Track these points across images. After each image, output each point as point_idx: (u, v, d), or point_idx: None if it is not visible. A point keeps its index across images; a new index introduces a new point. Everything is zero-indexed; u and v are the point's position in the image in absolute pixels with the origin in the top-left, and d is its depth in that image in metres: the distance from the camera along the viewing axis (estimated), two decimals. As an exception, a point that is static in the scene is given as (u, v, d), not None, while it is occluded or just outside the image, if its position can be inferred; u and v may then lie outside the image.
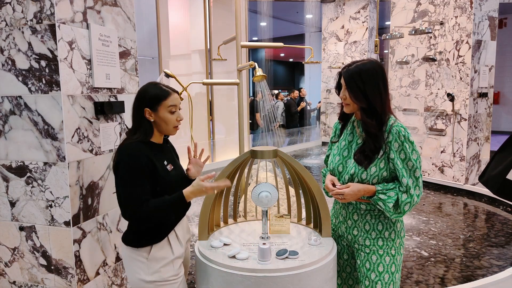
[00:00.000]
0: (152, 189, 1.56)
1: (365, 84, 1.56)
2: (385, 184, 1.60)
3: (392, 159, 1.58)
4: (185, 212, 1.76)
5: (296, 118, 10.26)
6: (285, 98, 10.80)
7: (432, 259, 3.21)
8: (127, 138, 1.63)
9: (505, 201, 4.59)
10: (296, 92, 10.57)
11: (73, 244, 1.85)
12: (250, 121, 9.89)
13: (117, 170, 1.56)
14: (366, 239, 1.68)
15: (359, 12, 8.52)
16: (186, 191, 1.56)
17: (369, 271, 1.65)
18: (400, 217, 1.61)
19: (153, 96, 1.60)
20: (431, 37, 5.41)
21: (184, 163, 1.82)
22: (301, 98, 10.61)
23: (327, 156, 1.86)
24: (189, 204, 1.76)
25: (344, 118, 1.77)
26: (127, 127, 2.19)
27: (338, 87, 1.69)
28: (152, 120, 1.61)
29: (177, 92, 1.68)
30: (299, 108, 10.20)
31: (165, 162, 1.66)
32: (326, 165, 1.85)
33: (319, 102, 10.56)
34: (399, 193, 1.57)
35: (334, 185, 1.66)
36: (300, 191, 1.96)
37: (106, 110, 1.98)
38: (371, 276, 1.64)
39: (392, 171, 1.60)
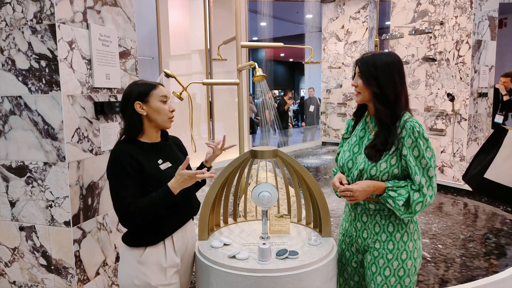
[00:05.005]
0: (143, 189, 1.54)
1: (378, 70, 1.54)
2: (396, 181, 1.53)
3: (404, 156, 1.51)
4: (186, 218, 1.71)
5: (285, 118, 10.34)
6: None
7: (432, 259, 3.21)
8: (117, 142, 1.64)
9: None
10: (290, 93, 10.71)
11: (73, 244, 1.85)
12: (258, 118, 9.99)
13: (107, 174, 1.57)
14: (376, 241, 1.60)
15: (359, 12, 8.52)
16: (170, 183, 1.52)
17: (374, 274, 1.60)
18: (411, 217, 1.53)
19: (141, 90, 1.59)
20: (431, 37, 5.40)
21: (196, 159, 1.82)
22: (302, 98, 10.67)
23: (338, 154, 1.79)
24: (190, 210, 1.72)
25: (358, 115, 1.73)
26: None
27: (354, 77, 1.64)
28: (144, 113, 1.59)
29: (162, 85, 1.66)
30: (285, 107, 10.28)
31: (160, 161, 1.62)
32: (337, 163, 1.79)
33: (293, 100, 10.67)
34: (411, 191, 1.50)
35: (342, 183, 1.60)
36: (300, 191, 1.96)
37: (106, 110, 1.98)
38: (377, 280, 1.59)
39: (404, 168, 1.53)
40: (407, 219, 1.59)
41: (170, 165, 1.65)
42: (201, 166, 1.86)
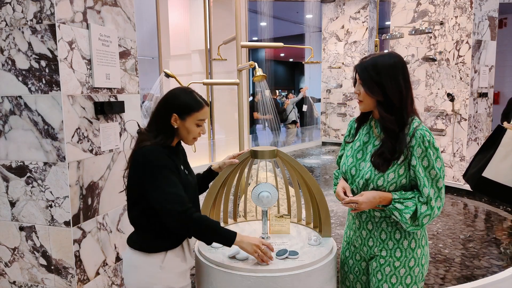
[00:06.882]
0: None
1: (381, 75, 1.43)
2: (403, 192, 1.46)
3: (413, 166, 1.43)
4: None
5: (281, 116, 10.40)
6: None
7: (432, 259, 3.21)
8: (147, 140, 1.51)
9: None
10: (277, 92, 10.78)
11: (73, 244, 1.85)
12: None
13: (143, 175, 1.45)
14: (383, 249, 1.54)
15: (359, 12, 8.52)
16: (240, 237, 1.48)
17: (380, 282, 1.54)
18: (417, 229, 1.47)
19: (185, 105, 1.52)
20: (431, 37, 5.40)
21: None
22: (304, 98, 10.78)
23: (340, 157, 1.73)
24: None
25: (362, 120, 1.64)
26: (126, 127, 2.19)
27: (355, 84, 1.54)
28: (175, 126, 1.53)
29: (208, 104, 1.60)
30: (285, 105, 10.33)
31: (182, 166, 1.58)
32: (338, 166, 1.73)
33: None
34: (418, 203, 1.43)
35: (346, 193, 1.53)
36: (300, 191, 1.96)
37: (106, 110, 1.98)
38: (383, 287, 1.54)
39: (412, 179, 1.46)
40: None
41: (186, 171, 1.61)
42: (209, 170, 1.83)
